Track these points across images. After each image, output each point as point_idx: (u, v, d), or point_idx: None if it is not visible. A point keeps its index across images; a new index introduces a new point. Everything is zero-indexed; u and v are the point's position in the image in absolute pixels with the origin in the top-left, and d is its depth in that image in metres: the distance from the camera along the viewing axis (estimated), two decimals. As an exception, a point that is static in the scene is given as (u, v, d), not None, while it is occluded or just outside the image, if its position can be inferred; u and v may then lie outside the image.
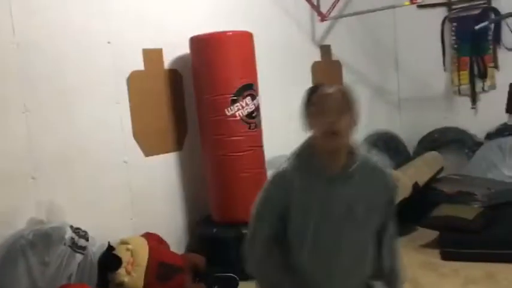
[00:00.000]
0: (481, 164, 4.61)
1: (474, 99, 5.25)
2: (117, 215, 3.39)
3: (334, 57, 5.15)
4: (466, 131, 5.20)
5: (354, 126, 1.57)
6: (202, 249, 3.60)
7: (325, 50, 5.08)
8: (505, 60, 5.00)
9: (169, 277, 3.09)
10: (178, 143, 3.86)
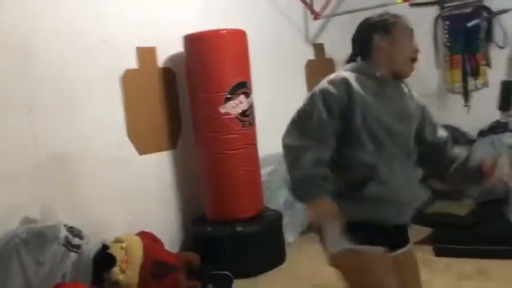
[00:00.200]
0: (473, 161, 4.63)
1: (467, 97, 5.27)
2: (112, 214, 3.39)
3: (327, 55, 5.17)
4: (459, 128, 5.22)
5: None
6: (197, 248, 3.60)
7: (319, 49, 5.10)
8: (496, 57, 5.02)
9: (163, 275, 3.09)
10: (173, 141, 3.86)
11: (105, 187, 3.38)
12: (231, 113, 3.56)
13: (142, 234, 3.28)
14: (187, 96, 3.77)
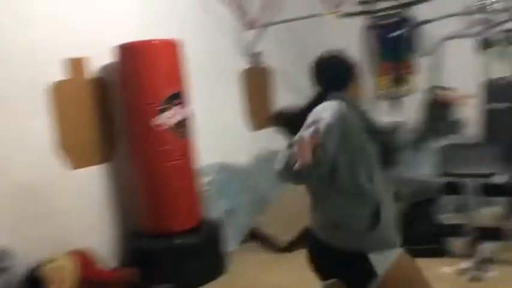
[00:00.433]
0: (404, 164, 4.84)
1: (395, 103, 5.53)
2: (43, 232, 3.24)
3: (263, 64, 5.24)
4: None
5: None
6: (135, 262, 3.52)
7: (255, 57, 5.15)
8: (421, 65, 5.31)
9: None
10: (107, 154, 3.75)
11: (38, 204, 3.23)
12: (166, 124, 3.52)
13: (75, 253, 3.15)
14: (121, 107, 3.69)
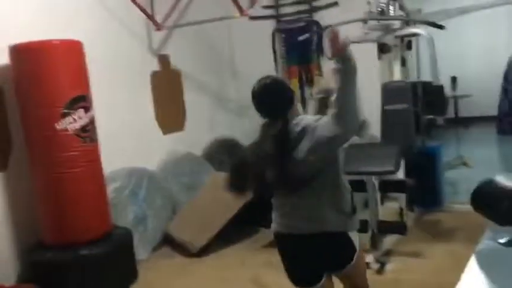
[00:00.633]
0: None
1: (304, 105, 5.71)
2: None
3: (172, 66, 5.16)
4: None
5: None
6: (36, 277, 3.30)
7: (163, 59, 5.06)
8: (327, 68, 5.53)
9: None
10: (2, 162, 3.48)
11: None
12: (69, 129, 3.34)
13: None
14: (18, 112, 3.43)
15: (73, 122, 3.36)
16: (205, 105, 5.56)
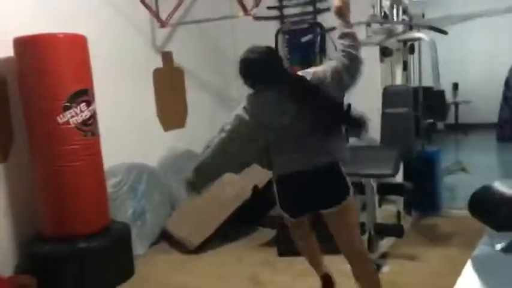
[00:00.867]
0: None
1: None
2: None
3: (175, 64, 5.17)
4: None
5: None
6: (34, 269, 3.32)
7: (167, 57, 5.07)
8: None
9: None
10: (3, 154, 3.49)
11: None
12: (71, 122, 3.35)
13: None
14: (21, 104, 3.44)
15: (75, 115, 3.37)
16: (207, 103, 5.57)
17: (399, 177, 3.75)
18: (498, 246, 1.89)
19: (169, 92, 5.09)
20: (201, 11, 4.96)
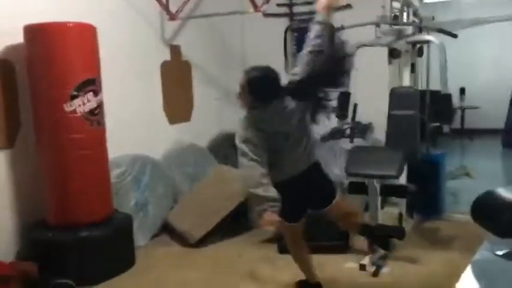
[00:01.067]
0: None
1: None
2: None
3: (183, 57, 5.18)
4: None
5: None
6: (36, 256, 3.34)
7: (175, 50, 5.08)
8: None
9: (-5, 288, 2.82)
10: (9, 139, 3.52)
11: None
12: (78, 111, 3.37)
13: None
14: (29, 91, 3.46)
15: (82, 104, 3.39)
16: (213, 98, 5.58)
17: (402, 180, 3.73)
18: (499, 252, 1.88)
19: (176, 85, 5.10)
20: (210, 6, 4.96)
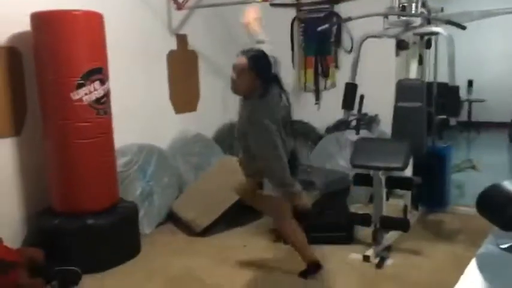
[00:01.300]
0: (321, 155, 5.03)
1: (317, 96, 5.71)
2: None
3: (190, 47, 5.17)
4: (311, 124, 5.63)
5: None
6: (42, 242, 3.37)
7: (182, 39, 5.07)
8: (344, 60, 5.51)
9: (2, 273, 2.84)
10: (16, 127, 3.54)
11: None
12: (84, 100, 3.37)
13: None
14: (36, 79, 3.47)
15: (88, 93, 3.39)
16: (219, 88, 5.57)
17: (408, 172, 3.73)
18: (503, 246, 1.88)
19: (183, 75, 5.09)
20: (218, -5, 4.94)
